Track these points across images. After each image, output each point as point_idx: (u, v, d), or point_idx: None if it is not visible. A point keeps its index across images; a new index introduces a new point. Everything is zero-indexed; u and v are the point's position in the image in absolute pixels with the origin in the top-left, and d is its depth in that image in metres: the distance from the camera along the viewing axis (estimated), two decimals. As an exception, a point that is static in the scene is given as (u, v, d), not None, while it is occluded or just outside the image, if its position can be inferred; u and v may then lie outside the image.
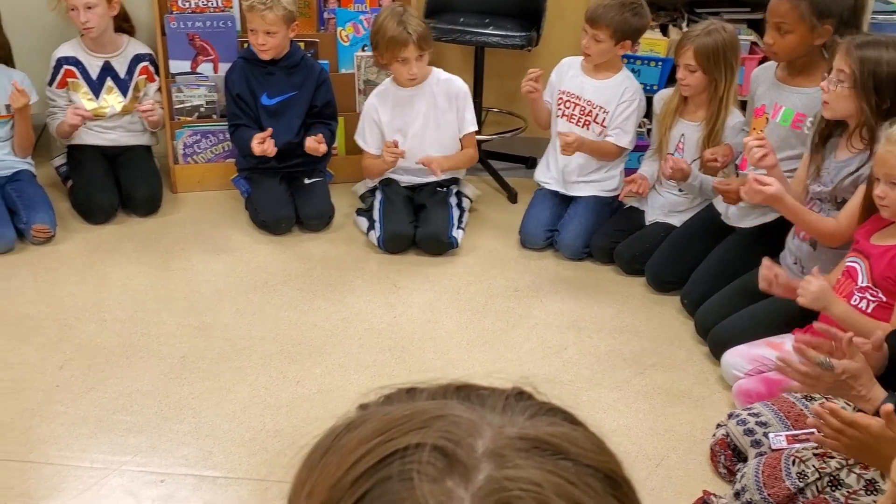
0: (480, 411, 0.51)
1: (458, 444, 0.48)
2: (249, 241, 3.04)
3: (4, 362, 2.30)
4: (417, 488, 0.46)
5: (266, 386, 2.27)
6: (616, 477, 0.50)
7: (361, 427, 0.52)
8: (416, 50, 2.86)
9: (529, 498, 0.45)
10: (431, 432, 0.48)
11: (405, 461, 0.47)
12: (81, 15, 2.98)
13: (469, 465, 0.47)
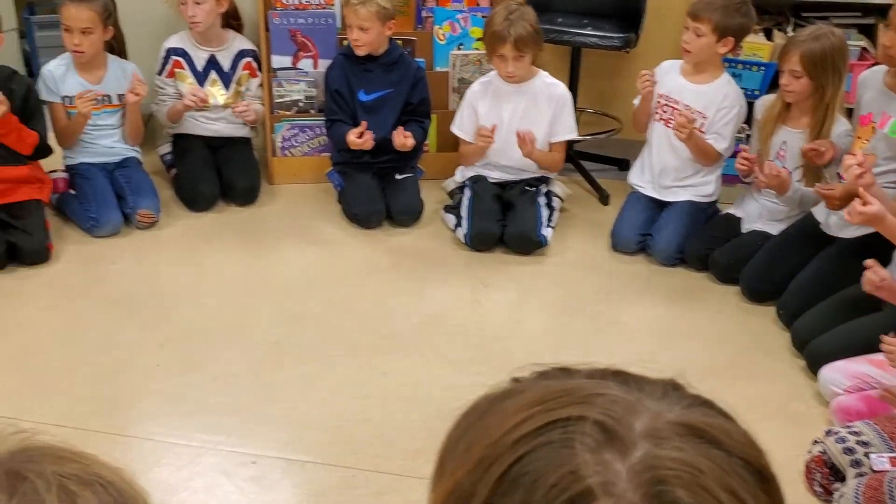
0: (639, 395, 0.53)
1: (618, 422, 0.50)
2: (341, 233, 3.10)
3: (110, 340, 2.41)
4: (579, 455, 0.49)
5: (354, 376, 2.32)
6: (766, 472, 0.51)
7: (520, 395, 0.55)
8: (512, 50, 2.86)
9: (684, 478, 0.48)
10: (592, 407, 0.51)
11: (567, 430, 0.50)
12: (190, 9, 3.09)
13: (627, 442, 0.49)
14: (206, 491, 1.90)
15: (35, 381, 2.23)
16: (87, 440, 2.01)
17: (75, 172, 3.11)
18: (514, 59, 2.89)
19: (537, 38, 2.89)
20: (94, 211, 2.97)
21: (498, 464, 0.51)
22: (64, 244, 2.90)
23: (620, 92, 3.54)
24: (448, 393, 2.25)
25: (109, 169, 3.14)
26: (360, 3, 2.97)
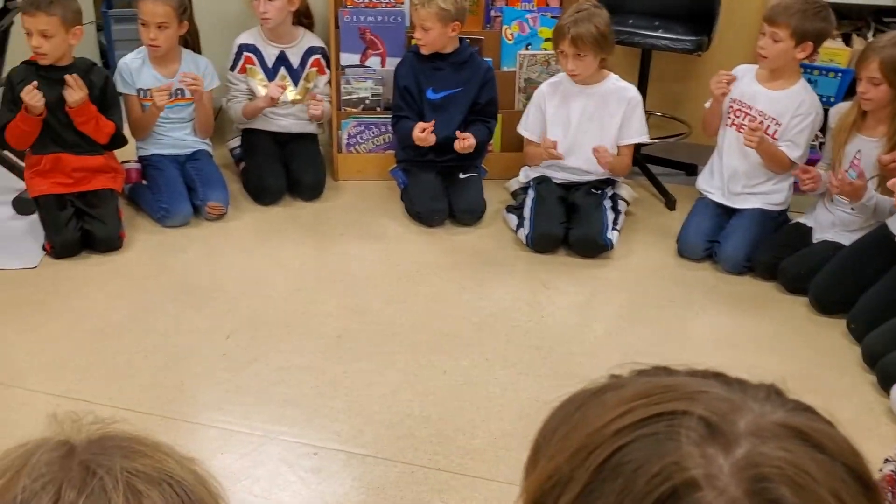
0: (742, 395, 0.55)
1: (722, 418, 0.52)
2: (403, 230, 3.12)
3: (179, 328, 2.47)
4: (683, 447, 0.50)
5: (415, 372, 2.33)
6: (868, 480, 0.52)
7: (622, 389, 0.57)
8: (570, 47, 2.86)
9: (788, 477, 0.48)
10: (697, 404, 0.52)
11: (672, 423, 0.52)
12: (262, 5, 3.15)
13: (731, 439, 0.51)
14: (268, 479, 1.93)
15: (106, 365, 2.30)
16: (154, 425, 2.06)
17: (148, 163, 3.19)
18: (574, 58, 2.87)
19: (601, 40, 2.85)
20: (165, 201, 3.05)
21: (599, 451, 0.53)
22: (135, 233, 2.98)
23: (690, 95, 3.49)
24: (507, 394, 2.25)
25: (181, 161, 3.22)
26: (420, 4, 2.99)
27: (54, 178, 2.88)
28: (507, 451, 2.05)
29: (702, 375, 0.58)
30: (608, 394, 0.57)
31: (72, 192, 2.89)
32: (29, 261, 2.79)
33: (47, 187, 2.86)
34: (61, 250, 2.79)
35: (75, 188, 2.89)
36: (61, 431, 0.70)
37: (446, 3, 2.99)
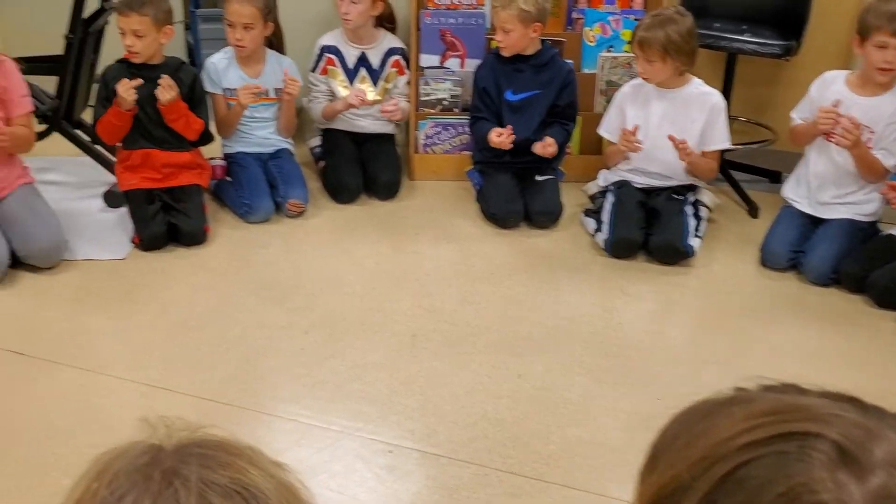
0: (878, 423, 0.53)
1: (857, 445, 0.50)
2: (478, 232, 3.12)
3: (260, 322, 2.53)
4: (814, 470, 0.49)
5: (489, 374, 2.33)
6: None
7: (750, 403, 0.56)
8: (638, 50, 2.84)
9: None
10: (831, 427, 0.51)
11: (803, 444, 0.50)
12: (344, 6, 3.19)
13: (865, 467, 0.49)
14: (343, 475, 1.95)
15: (189, 355, 2.36)
16: (235, 416, 2.11)
17: (232, 161, 3.27)
18: (644, 61, 2.83)
19: (669, 47, 2.78)
20: (247, 198, 3.12)
21: (722, 464, 0.52)
22: (219, 228, 3.06)
23: (777, 101, 3.40)
24: (583, 400, 2.23)
25: (264, 159, 3.29)
26: (501, 6, 2.99)
27: (143, 174, 2.98)
28: (582, 459, 2.03)
29: (835, 398, 0.57)
30: (735, 407, 0.56)
31: (160, 187, 2.98)
32: (118, 252, 2.89)
33: (137, 182, 2.96)
34: (149, 243, 2.89)
35: (163, 183, 2.99)
36: (152, 435, 0.71)
37: (527, 5, 2.98)
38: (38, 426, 2.06)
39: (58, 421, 2.08)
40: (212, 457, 0.67)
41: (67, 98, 3.21)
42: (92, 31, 3.18)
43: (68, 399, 2.17)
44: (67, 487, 1.96)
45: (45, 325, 2.47)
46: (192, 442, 0.69)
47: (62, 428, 2.06)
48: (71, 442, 2.01)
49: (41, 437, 2.03)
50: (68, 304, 2.59)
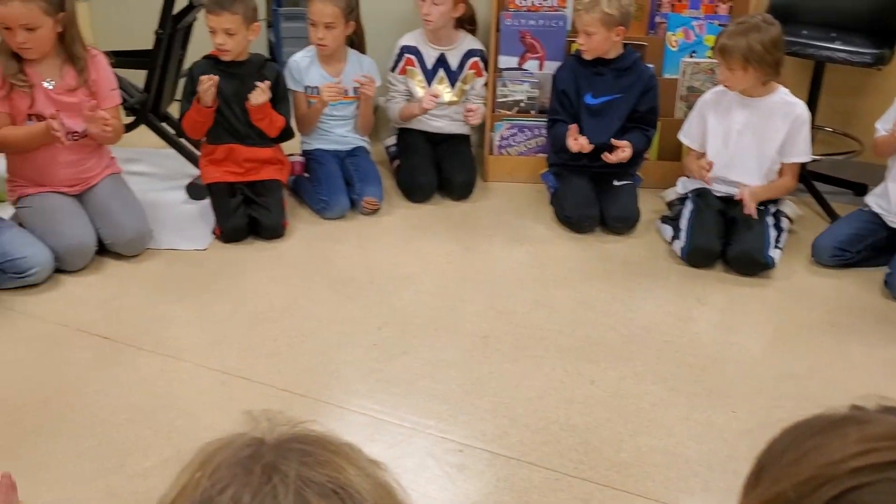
0: None
1: None
2: (552, 235, 3.11)
3: (334, 317, 2.56)
4: None
5: (561, 379, 2.31)
6: None
7: (866, 425, 0.54)
8: (718, 55, 2.79)
9: None
10: None
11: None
12: (426, 7, 3.21)
13: None
14: (415, 471, 1.96)
15: (267, 346, 2.41)
16: (310, 407, 2.15)
17: (311, 157, 3.33)
18: (725, 69, 2.78)
19: (750, 56, 2.71)
20: (325, 194, 3.17)
21: (831, 486, 0.50)
22: (296, 223, 3.12)
23: (864, 111, 3.30)
24: (657, 409, 2.20)
25: (341, 156, 3.34)
26: (584, 9, 2.97)
27: (226, 168, 3.05)
28: (654, 468, 2.00)
29: None
30: (850, 427, 0.54)
31: (241, 181, 3.05)
32: (199, 243, 2.96)
33: (220, 175, 3.04)
34: (229, 235, 2.96)
35: (245, 178, 3.05)
36: (255, 428, 0.72)
37: (611, 8, 2.96)
38: (120, 408, 2.13)
39: (139, 404, 2.15)
40: (311, 453, 0.68)
41: (155, 92, 3.31)
42: (180, 27, 3.28)
43: (149, 383, 2.24)
44: (148, 469, 2.02)
45: (128, 311, 2.56)
46: (293, 437, 0.70)
47: (143, 411, 2.13)
48: (152, 425, 2.07)
49: (123, 419, 2.10)
50: (151, 291, 2.67)
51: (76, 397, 2.16)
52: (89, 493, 1.85)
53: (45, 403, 2.14)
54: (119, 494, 1.85)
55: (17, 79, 2.67)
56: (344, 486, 0.66)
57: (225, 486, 0.66)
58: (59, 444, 2.00)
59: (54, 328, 2.45)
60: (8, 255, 2.56)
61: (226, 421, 2.20)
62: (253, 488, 0.65)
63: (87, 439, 2.01)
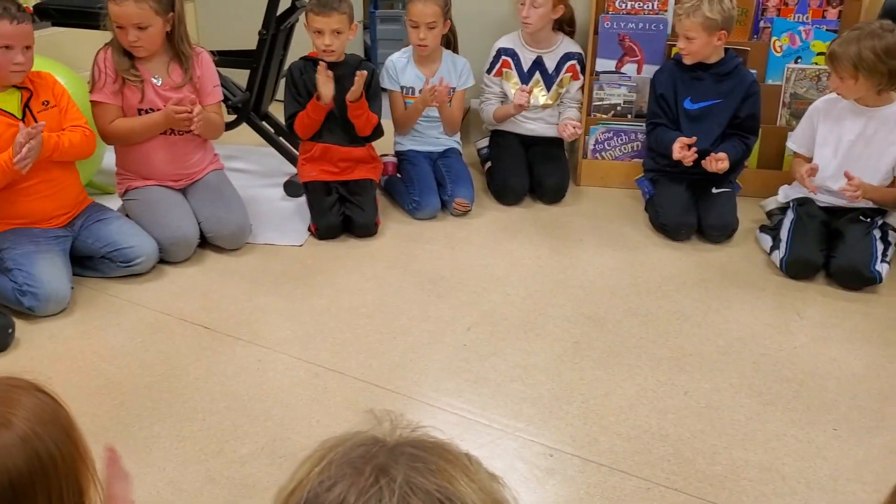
0: None
1: None
2: (646, 242, 3.06)
3: (424, 315, 2.58)
4: None
5: (654, 389, 2.27)
6: None
7: None
8: (828, 62, 2.70)
9: None
10: None
11: None
12: (525, 9, 3.21)
13: None
14: (504, 473, 1.92)
15: (359, 341, 2.45)
16: (401, 404, 2.17)
17: (403, 158, 3.37)
18: (836, 77, 2.67)
19: (861, 65, 2.59)
20: (416, 194, 3.20)
21: None
22: (388, 222, 3.16)
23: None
24: (753, 423, 2.13)
25: (433, 158, 3.36)
26: (685, 13, 2.91)
27: (322, 166, 3.11)
28: (749, 482, 1.94)
29: None
30: None
31: (336, 179, 3.11)
32: (295, 239, 3.04)
33: (316, 174, 3.10)
34: (324, 232, 3.02)
35: (340, 177, 3.11)
36: (376, 428, 0.73)
37: (713, 12, 2.89)
38: (219, 396, 2.20)
39: (237, 392, 2.22)
40: (424, 459, 0.67)
41: (257, 91, 3.41)
42: (283, 28, 3.37)
43: (247, 373, 2.30)
44: (245, 457, 2.06)
45: (227, 303, 2.64)
46: (409, 441, 0.70)
47: (241, 399, 2.19)
48: (249, 414, 2.13)
49: (222, 406, 2.16)
50: (249, 284, 2.75)
51: (178, 383, 2.25)
52: (189, 476, 1.92)
53: (149, 388, 2.22)
54: (217, 480, 1.91)
55: (130, 74, 2.80)
56: (452, 496, 0.65)
57: (333, 483, 0.66)
58: (163, 427, 2.07)
59: (158, 316, 2.55)
60: (116, 244, 2.68)
61: (320, 413, 2.24)
62: (359, 489, 0.65)
63: (188, 424, 2.09)
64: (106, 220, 2.72)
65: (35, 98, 2.57)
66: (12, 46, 2.45)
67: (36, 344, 2.41)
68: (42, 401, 0.92)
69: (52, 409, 0.93)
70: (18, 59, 2.47)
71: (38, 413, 0.90)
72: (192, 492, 1.88)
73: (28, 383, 0.91)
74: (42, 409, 0.91)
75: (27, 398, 0.90)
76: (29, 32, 2.50)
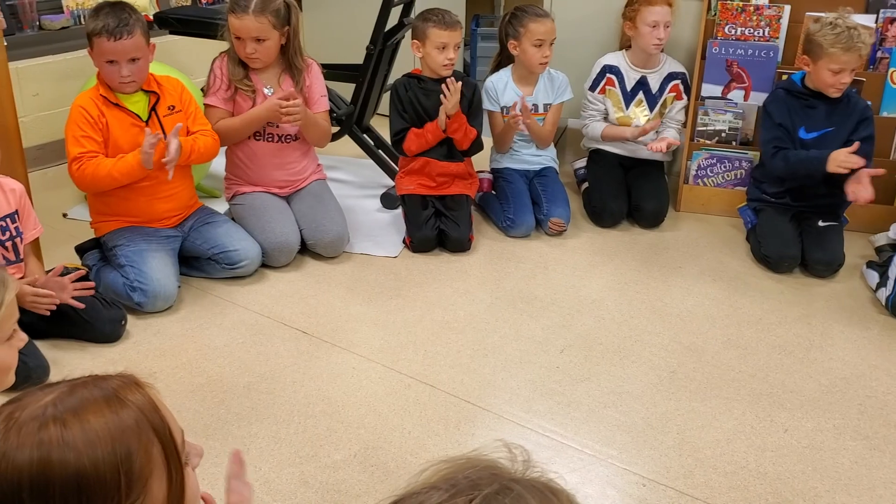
0: None
1: None
2: (746, 272, 2.98)
3: (516, 334, 2.58)
4: None
5: (752, 424, 2.21)
6: None
7: None
8: None
9: None
10: None
11: None
12: (659, 31, 3.17)
13: None
14: (596, 499, 1.93)
15: (450, 356, 2.46)
16: (492, 422, 2.17)
17: (499, 175, 3.38)
18: None
19: None
20: (511, 212, 3.20)
21: None
22: (481, 238, 3.17)
23: None
24: (858, 468, 2.05)
25: (529, 176, 3.36)
26: (844, 47, 2.75)
27: (420, 180, 3.15)
28: (854, 531, 1.86)
29: None
30: None
31: (433, 194, 3.14)
32: (390, 250, 3.08)
33: (414, 187, 3.14)
34: (419, 245, 3.05)
35: (437, 191, 3.14)
36: (507, 457, 0.74)
37: (865, 48, 2.79)
38: (315, 400, 2.25)
39: (332, 397, 2.25)
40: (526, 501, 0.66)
41: (361, 105, 3.48)
42: (390, 44, 3.43)
43: (342, 379, 2.34)
44: (338, 462, 2.08)
45: (325, 309, 2.69)
46: (526, 482, 0.70)
47: (335, 405, 2.23)
48: (343, 419, 2.16)
49: (318, 410, 2.20)
50: (345, 292, 2.80)
51: (276, 385, 2.30)
52: (284, 478, 1.96)
53: (248, 388, 2.29)
54: (311, 483, 1.94)
55: (243, 84, 2.90)
56: None
57: (424, 501, 0.67)
58: (261, 428, 2.13)
59: (258, 318, 2.63)
60: (223, 246, 2.77)
61: (411, 424, 2.26)
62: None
63: (285, 426, 2.13)
64: (214, 222, 2.82)
65: (161, 102, 2.69)
66: (116, 61, 2.56)
67: (143, 338, 2.51)
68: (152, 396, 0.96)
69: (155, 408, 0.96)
70: (123, 73, 2.57)
71: (150, 406, 0.94)
72: (287, 493, 1.92)
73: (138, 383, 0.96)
74: (151, 404, 0.94)
75: (139, 394, 0.95)
76: (130, 47, 2.54)
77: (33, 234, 2.43)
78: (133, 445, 0.89)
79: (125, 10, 2.58)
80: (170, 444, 0.93)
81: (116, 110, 2.62)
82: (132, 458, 0.89)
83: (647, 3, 3.18)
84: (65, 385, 0.92)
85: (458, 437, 2.11)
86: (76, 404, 0.89)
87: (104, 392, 0.91)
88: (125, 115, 2.63)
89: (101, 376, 0.95)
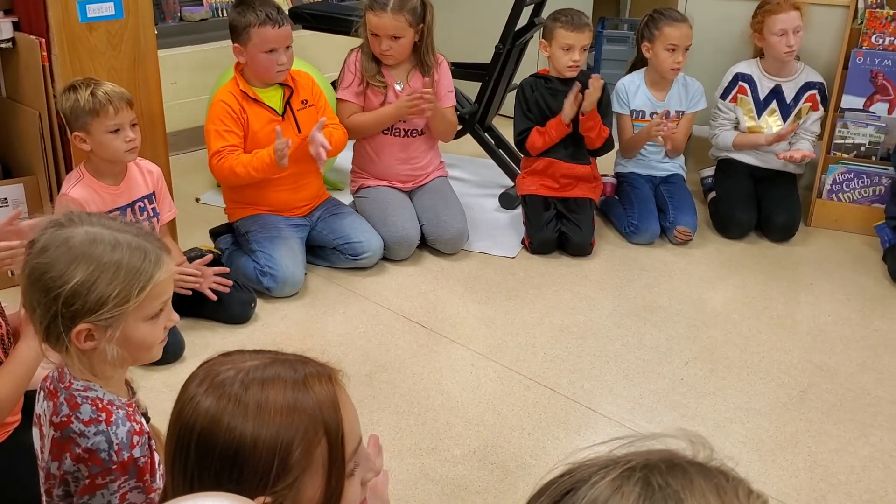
0: None
1: None
2: (884, 293, 2.83)
3: (639, 343, 2.53)
4: None
5: (891, 452, 2.09)
6: None
7: None
8: None
9: None
10: None
11: None
12: (790, 38, 3.06)
13: None
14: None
15: (571, 360, 2.43)
16: (613, 430, 2.13)
17: (623, 180, 3.32)
18: None
19: None
20: (636, 218, 3.13)
21: None
22: (603, 243, 3.12)
23: None
24: None
25: (655, 182, 3.29)
26: None
27: (542, 181, 3.12)
28: None
29: None
30: None
31: (556, 195, 3.11)
32: (509, 251, 3.07)
33: (536, 188, 3.12)
34: (539, 247, 3.03)
35: (559, 193, 3.11)
36: (690, 449, 0.71)
37: None
38: (434, 394, 2.26)
39: (451, 392, 2.26)
40: (691, 480, 0.64)
41: (485, 103, 3.48)
42: (518, 43, 3.42)
43: (461, 375, 2.35)
44: (457, 457, 2.07)
45: (444, 305, 2.70)
46: (695, 464, 0.68)
47: (454, 400, 2.23)
48: (462, 415, 2.17)
49: (436, 404, 2.22)
50: (464, 289, 2.81)
51: (397, 376, 2.33)
52: (405, 469, 1.98)
53: (370, 377, 2.32)
54: (431, 476, 1.96)
55: (376, 80, 2.95)
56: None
57: (586, 477, 0.65)
58: (382, 417, 2.16)
59: (379, 309, 2.66)
60: (347, 237, 2.83)
61: (531, 426, 2.23)
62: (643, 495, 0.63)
63: (406, 417, 2.16)
64: (341, 214, 2.88)
65: (296, 96, 2.77)
66: (276, 49, 2.65)
67: (270, 321, 2.59)
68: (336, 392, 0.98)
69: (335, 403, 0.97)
70: (282, 60, 2.67)
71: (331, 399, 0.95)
72: (408, 483, 1.93)
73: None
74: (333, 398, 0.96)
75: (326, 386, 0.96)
76: (289, 34, 2.68)
77: (169, 216, 2.53)
78: (298, 435, 0.91)
79: (270, 1, 2.67)
80: (337, 448, 0.94)
81: (255, 105, 2.70)
82: (292, 446, 0.91)
83: (771, 13, 3.08)
84: (270, 356, 0.95)
85: (578, 443, 2.08)
86: (266, 377, 0.92)
87: (295, 375, 0.94)
88: (263, 109, 2.71)
89: (306, 359, 0.97)
